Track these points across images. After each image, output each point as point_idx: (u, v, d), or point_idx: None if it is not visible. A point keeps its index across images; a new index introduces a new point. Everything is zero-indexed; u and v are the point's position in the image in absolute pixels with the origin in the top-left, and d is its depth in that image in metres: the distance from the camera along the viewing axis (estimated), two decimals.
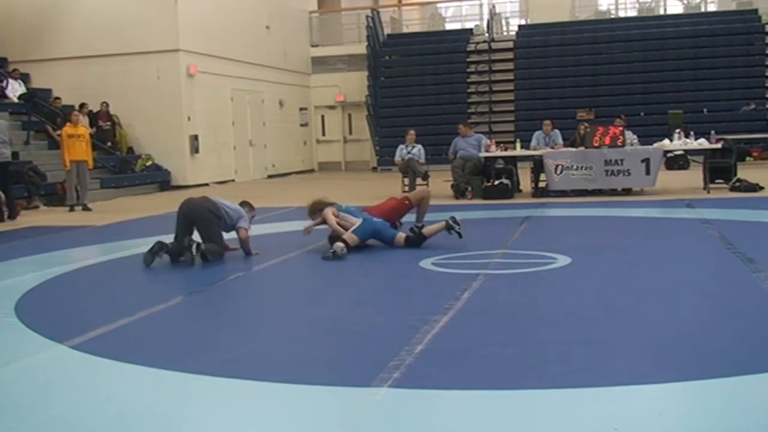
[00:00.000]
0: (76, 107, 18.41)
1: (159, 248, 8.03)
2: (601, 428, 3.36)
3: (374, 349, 4.65)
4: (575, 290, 6.23)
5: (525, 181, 14.90)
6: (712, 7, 28.03)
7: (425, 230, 8.57)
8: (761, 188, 13.13)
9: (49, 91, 20.39)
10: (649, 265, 7.24)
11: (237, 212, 8.45)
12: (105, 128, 19.63)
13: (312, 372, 4.28)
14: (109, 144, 19.67)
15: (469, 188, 14.22)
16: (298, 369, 4.35)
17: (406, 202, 9.36)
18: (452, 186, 14.68)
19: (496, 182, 14.00)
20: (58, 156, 15.77)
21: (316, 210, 8.81)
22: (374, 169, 25.27)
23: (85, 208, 15.02)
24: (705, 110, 22.29)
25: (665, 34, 24.61)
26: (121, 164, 19.26)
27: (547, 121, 15.14)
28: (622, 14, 28.64)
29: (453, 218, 8.46)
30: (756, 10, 25.27)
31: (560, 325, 5.08)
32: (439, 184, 15.53)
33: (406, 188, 14.73)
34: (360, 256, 8.03)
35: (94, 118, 19.58)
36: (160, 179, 20.05)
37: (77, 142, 15.03)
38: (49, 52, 20.57)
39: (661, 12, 27.88)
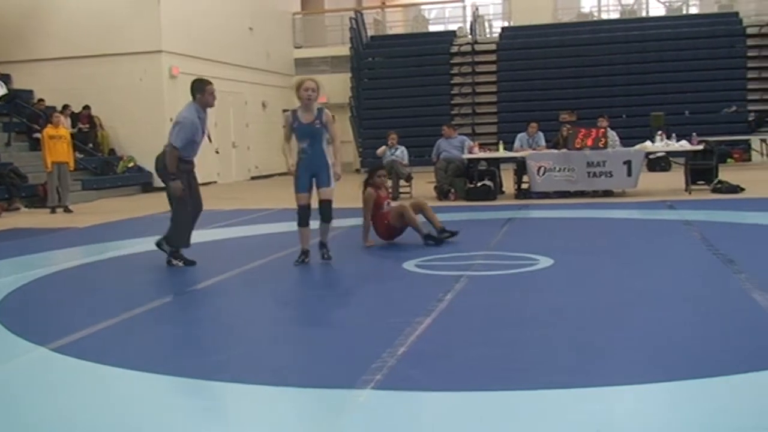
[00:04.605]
0: (59, 109, 18.34)
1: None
2: (585, 429, 3.37)
3: (357, 351, 4.65)
4: (558, 291, 6.25)
5: (508, 183, 14.95)
6: (693, 10, 28.26)
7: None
8: (742, 190, 13.22)
9: (31, 92, 20.29)
10: (631, 266, 7.27)
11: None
12: (84, 131, 19.54)
13: (294, 374, 4.27)
14: (91, 145, 19.58)
15: (452, 190, 14.26)
16: (281, 371, 4.34)
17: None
18: (435, 187, 14.71)
19: (479, 184, 14.04)
20: (40, 157, 15.67)
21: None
22: (357, 170, 25.26)
23: (67, 210, 14.94)
24: (687, 112, 22.41)
25: (647, 36, 24.74)
26: (102, 166, 19.18)
27: (534, 123, 15.16)
28: (604, 16, 28.79)
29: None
30: (737, 13, 25.49)
31: (543, 326, 5.09)
32: (423, 185, 15.54)
33: (390, 190, 14.73)
34: (342, 257, 8.02)
35: (75, 119, 19.50)
36: (142, 181, 19.96)
37: (58, 144, 14.94)
38: (30, 53, 20.45)
39: (644, 14, 28.06)
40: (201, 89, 7.68)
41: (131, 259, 8.76)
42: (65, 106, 19.22)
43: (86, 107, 19.86)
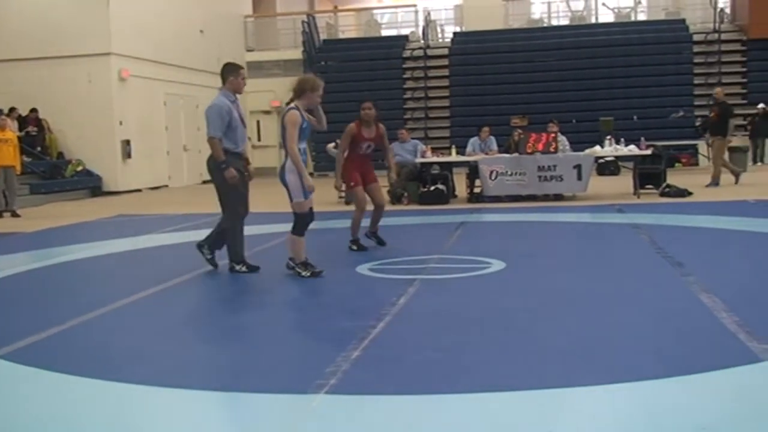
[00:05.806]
0: (5, 111, 18.01)
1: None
2: (537, 430, 3.39)
3: (310, 356, 4.64)
4: (510, 294, 6.29)
5: (460, 187, 15.03)
6: (642, 16, 28.72)
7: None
8: (690, 193, 13.44)
9: None
10: (581, 269, 7.36)
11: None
12: (32, 134, 19.23)
13: (248, 379, 4.24)
14: (39, 149, 19.27)
15: (406, 194, 14.31)
16: (234, 377, 4.31)
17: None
18: (389, 191, 14.72)
19: (432, 188, 14.10)
20: None
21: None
22: (311, 174, 25.20)
23: (14, 215, 14.69)
24: (635, 117, 22.75)
25: (597, 42, 25.06)
26: (51, 169, 18.88)
27: (486, 128, 15.27)
28: (554, 23, 29.11)
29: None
30: (684, 20, 25.99)
31: (496, 329, 5.13)
32: None
33: (343, 194, 14.74)
34: None
35: (22, 122, 19.17)
36: (91, 185, 19.68)
37: (5, 147, 14.69)
38: None
39: (593, 21, 28.42)
40: (235, 71, 7.33)
41: (81, 264, 8.63)
42: (12, 109, 18.88)
43: (34, 110, 19.55)
